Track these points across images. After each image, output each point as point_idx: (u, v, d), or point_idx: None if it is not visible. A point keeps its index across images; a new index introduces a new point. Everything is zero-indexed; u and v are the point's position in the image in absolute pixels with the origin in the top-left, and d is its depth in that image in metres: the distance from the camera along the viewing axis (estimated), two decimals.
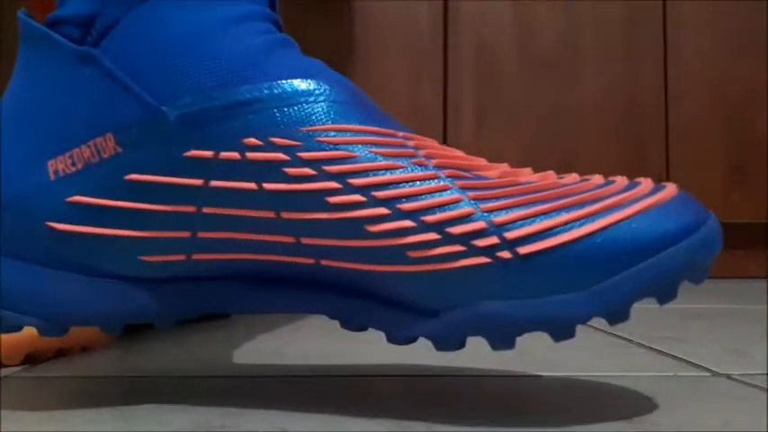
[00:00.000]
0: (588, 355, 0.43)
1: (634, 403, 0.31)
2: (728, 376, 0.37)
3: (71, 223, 0.28)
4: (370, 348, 0.45)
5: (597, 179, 0.29)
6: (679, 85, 1.16)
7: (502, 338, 0.27)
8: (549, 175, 0.29)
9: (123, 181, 0.27)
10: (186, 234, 0.28)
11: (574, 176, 0.29)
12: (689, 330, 0.54)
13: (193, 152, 0.27)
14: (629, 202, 0.27)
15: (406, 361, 0.41)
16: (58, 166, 0.28)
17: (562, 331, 0.27)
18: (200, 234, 0.28)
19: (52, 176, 0.28)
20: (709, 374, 0.37)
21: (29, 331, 0.41)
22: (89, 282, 0.29)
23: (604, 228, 0.26)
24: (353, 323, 0.29)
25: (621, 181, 0.28)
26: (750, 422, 0.28)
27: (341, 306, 0.29)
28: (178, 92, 0.27)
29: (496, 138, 1.15)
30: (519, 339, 0.28)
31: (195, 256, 0.28)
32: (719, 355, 0.43)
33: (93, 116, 0.28)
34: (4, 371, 0.39)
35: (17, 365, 0.41)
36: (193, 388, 0.34)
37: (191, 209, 0.27)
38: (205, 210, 0.27)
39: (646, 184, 0.28)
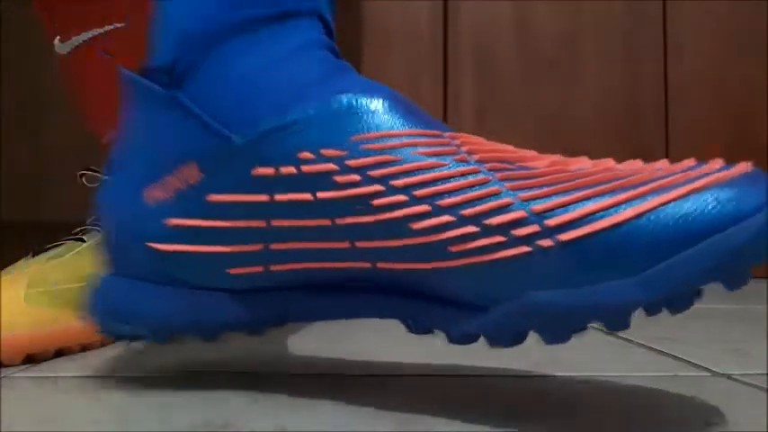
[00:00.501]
0: (588, 355, 0.43)
1: (634, 403, 0.31)
2: (728, 376, 0.37)
3: (168, 243, 0.31)
4: (371, 348, 0.45)
5: (662, 164, 0.27)
6: (679, 85, 1.16)
7: (554, 331, 0.26)
8: (604, 162, 0.28)
9: (207, 202, 0.31)
10: (260, 247, 0.30)
11: (636, 162, 0.28)
12: (689, 330, 0.54)
13: (258, 170, 0.30)
14: (682, 182, 0.25)
15: (408, 361, 0.41)
16: (153, 193, 0.32)
17: (616, 320, 0.26)
18: (272, 246, 0.30)
19: (150, 202, 0.32)
20: (709, 374, 0.37)
21: (28, 331, 0.41)
22: (189, 294, 0.32)
23: (650, 210, 0.25)
24: (418, 325, 0.30)
25: (687, 162, 0.27)
26: (750, 422, 0.28)
27: (405, 308, 0.30)
28: (245, 120, 0.30)
29: (496, 138, 1.14)
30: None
31: (272, 268, 0.31)
32: (719, 355, 0.43)
33: (179, 149, 0.32)
34: (4, 371, 0.39)
35: (17, 365, 0.41)
36: (194, 387, 0.34)
37: (262, 223, 0.30)
38: (274, 223, 0.30)
39: (712, 164, 0.26)
